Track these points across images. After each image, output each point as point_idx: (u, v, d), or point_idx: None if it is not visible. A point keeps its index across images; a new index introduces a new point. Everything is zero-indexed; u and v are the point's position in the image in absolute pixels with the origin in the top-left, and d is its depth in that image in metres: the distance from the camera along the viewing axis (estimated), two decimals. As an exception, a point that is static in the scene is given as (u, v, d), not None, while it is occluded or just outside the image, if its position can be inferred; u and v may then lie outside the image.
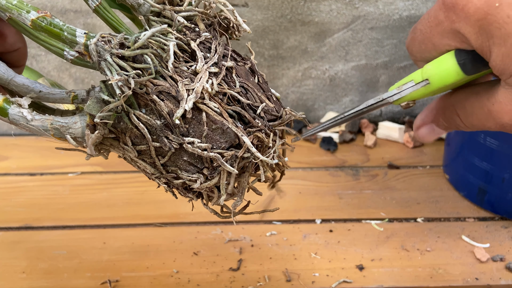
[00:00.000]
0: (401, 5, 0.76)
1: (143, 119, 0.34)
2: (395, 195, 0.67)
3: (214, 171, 0.34)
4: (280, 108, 0.37)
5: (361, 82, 0.82)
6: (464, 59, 0.29)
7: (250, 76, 0.37)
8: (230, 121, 0.34)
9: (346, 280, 0.54)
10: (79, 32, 0.35)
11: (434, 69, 0.30)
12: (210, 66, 0.34)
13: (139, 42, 0.33)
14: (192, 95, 0.33)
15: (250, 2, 0.74)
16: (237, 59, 0.37)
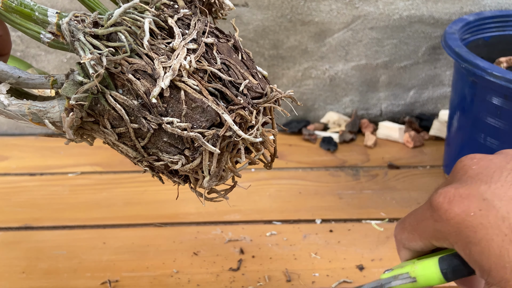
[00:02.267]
0: (401, 5, 0.76)
1: (120, 100, 0.32)
2: (395, 195, 0.67)
3: (195, 152, 0.33)
4: (265, 85, 0.36)
5: (361, 82, 0.82)
6: (446, 269, 0.31)
7: (233, 53, 0.36)
8: (210, 99, 0.32)
9: (346, 280, 0.54)
10: (51, 12, 0.34)
11: (420, 271, 0.33)
12: (188, 43, 0.33)
13: (112, 19, 0.32)
14: (169, 73, 0.32)
15: (250, 2, 0.74)
16: (219, 36, 0.36)
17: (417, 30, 0.78)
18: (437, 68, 0.82)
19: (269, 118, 0.36)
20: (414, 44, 0.79)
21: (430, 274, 0.32)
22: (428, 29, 0.78)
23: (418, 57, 0.80)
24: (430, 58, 0.81)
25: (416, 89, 0.83)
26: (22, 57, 0.79)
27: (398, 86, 0.83)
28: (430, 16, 0.77)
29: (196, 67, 0.32)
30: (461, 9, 0.76)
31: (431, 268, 0.32)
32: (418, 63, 0.81)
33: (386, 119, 0.85)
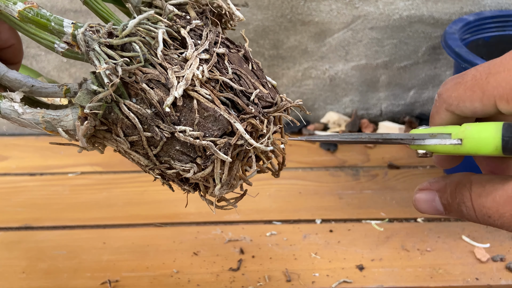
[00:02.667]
0: (401, 5, 0.76)
1: (134, 109, 0.33)
2: (395, 195, 0.67)
3: (207, 160, 0.33)
4: (275, 95, 0.36)
5: (361, 82, 0.82)
6: (509, 138, 0.26)
7: (243, 63, 0.36)
8: (222, 108, 0.33)
9: (346, 280, 0.54)
10: (67, 22, 0.34)
11: (473, 132, 0.27)
12: (201, 53, 0.34)
13: (127, 30, 0.33)
14: (182, 82, 0.32)
15: (250, 2, 0.74)
16: (229, 46, 0.37)
17: (417, 30, 0.78)
18: (437, 68, 0.82)
19: (279, 127, 0.37)
20: (414, 44, 0.79)
21: (485, 139, 0.26)
22: (428, 29, 0.78)
23: (418, 57, 0.80)
24: (430, 58, 0.81)
25: (416, 89, 0.83)
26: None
27: (398, 86, 0.83)
28: (430, 16, 0.77)
29: (208, 76, 0.33)
30: (461, 9, 0.76)
31: (490, 131, 0.26)
32: (418, 63, 0.81)
33: (386, 119, 0.85)
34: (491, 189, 0.27)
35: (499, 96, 0.26)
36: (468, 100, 0.27)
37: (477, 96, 0.27)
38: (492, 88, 0.26)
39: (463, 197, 0.28)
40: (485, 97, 0.26)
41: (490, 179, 0.27)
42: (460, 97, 0.28)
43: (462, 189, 0.28)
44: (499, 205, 0.26)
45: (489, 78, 0.26)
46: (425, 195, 0.30)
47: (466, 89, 0.27)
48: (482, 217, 0.27)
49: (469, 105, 0.27)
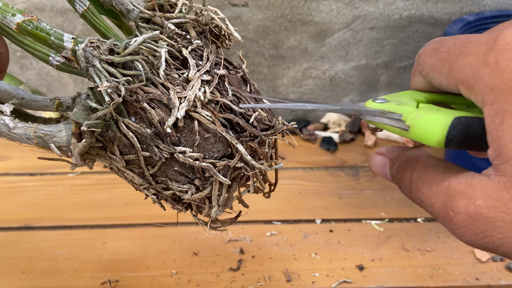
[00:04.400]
0: (401, 5, 0.76)
1: (133, 128, 0.32)
2: (395, 195, 0.67)
3: (206, 182, 0.33)
4: (272, 117, 0.36)
5: (361, 82, 0.82)
6: (454, 136, 0.25)
7: (242, 85, 0.36)
8: (223, 130, 0.33)
9: (346, 280, 0.54)
10: (67, 37, 0.34)
11: (421, 123, 0.26)
12: (203, 74, 0.34)
13: (130, 48, 0.32)
14: (185, 103, 0.32)
15: (250, 2, 0.74)
16: (229, 67, 0.37)
17: (417, 30, 0.78)
18: (437, 68, 0.82)
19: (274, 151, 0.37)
20: (414, 44, 0.79)
21: (430, 133, 0.25)
22: (428, 29, 0.78)
23: (418, 57, 0.80)
24: (430, 58, 0.81)
25: (416, 89, 0.83)
26: (22, 57, 0.79)
27: (398, 86, 0.83)
28: (430, 16, 0.77)
29: (210, 98, 0.33)
30: (461, 9, 0.76)
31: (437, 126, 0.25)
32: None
33: (386, 119, 0.84)
34: (431, 176, 0.26)
35: (461, 79, 0.25)
36: (437, 72, 0.27)
37: (444, 71, 0.26)
38: (457, 69, 0.25)
39: (404, 175, 0.28)
40: (450, 76, 0.26)
41: (435, 165, 0.27)
42: (431, 66, 0.27)
43: (406, 167, 0.28)
44: (432, 195, 0.26)
45: (459, 57, 0.25)
46: (380, 160, 0.30)
47: (438, 60, 0.26)
48: (415, 199, 0.27)
49: (437, 77, 0.27)
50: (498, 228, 0.23)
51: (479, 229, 0.24)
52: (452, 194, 0.25)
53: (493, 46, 0.23)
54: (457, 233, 0.25)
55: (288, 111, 0.83)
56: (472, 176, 0.24)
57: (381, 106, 0.28)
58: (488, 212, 0.23)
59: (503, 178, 0.23)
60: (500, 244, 0.23)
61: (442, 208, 0.25)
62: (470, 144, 0.25)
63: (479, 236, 0.24)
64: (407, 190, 0.28)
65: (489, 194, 0.23)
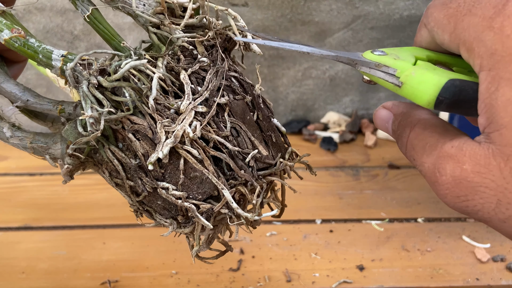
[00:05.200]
0: (402, 5, 0.76)
1: (118, 156, 0.31)
2: (396, 195, 0.67)
3: (188, 221, 0.32)
4: (278, 152, 0.34)
5: (361, 82, 0.82)
6: (446, 98, 0.24)
7: (247, 112, 0.33)
8: (211, 171, 0.31)
9: (346, 281, 0.54)
10: (56, 54, 0.32)
11: (414, 81, 0.25)
12: (198, 105, 0.31)
13: (117, 74, 0.30)
14: (170, 140, 0.30)
15: (250, 1, 0.74)
16: (236, 90, 0.33)
17: (418, 30, 0.78)
18: (437, 68, 0.82)
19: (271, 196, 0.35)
20: (415, 44, 0.79)
21: (422, 92, 0.25)
22: (428, 29, 0.78)
23: (418, 57, 0.80)
24: (430, 58, 0.81)
25: (416, 89, 0.83)
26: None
27: (398, 86, 0.83)
28: (431, 16, 0.76)
29: (199, 136, 0.31)
30: (461, 9, 0.76)
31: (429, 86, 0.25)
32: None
33: (387, 119, 0.84)
34: (427, 135, 0.27)
35: (463, 40, 0.24)
36: (441, 28, 0.26)
37: (448, 28, 0.25)
38: (462, 29, 0.24)
39: (404, 131, 0.28)
40: (453, 34, 0.25)
41: (434, 125, 0.27)
42: (437, 21, 0.26)
43: (407, 124, 0.28)
44: (425, 154, 0.26)
45: (466, 16, 0.24)
46: (384, 114, 0.31)
47: (445, 15, 0.25)
48: (409, 156, 0.28)
49: (440, 34, 0.26)
50: (480, 193, 0.24)
51: (461, 192, 0.24)
52: (443, 156, 0.25)
53: (501, 10, 0.23)
54: (440, 194, 0.25)
55: (288, 111, 0.83)
56: (465, 141, 0.25)
57: (377, 58, 0.28)
58: (473, 177, 0.24)
59: (492, 145, 0.23)
60: (480, 209, 0.24)
61: (430, 168, 0.25)
62: (460, 108, 0.25)
63: (460, 199, 0.24)
64: (403, 147, 0.28)
65: (477, 160, 0.24)
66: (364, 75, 0.29)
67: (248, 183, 0.31)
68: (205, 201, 0.31)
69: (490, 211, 0.24)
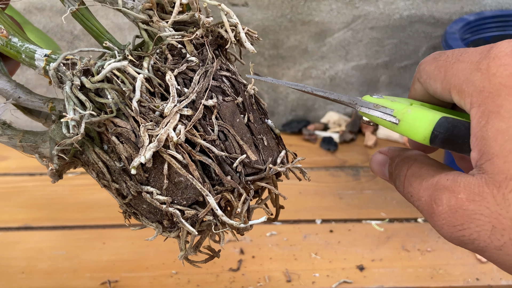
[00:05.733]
0: (402, 5, 0.75)
1: (103, 158, 0.31)
2: (396, 195, 0.67)
3: (174, 226, 0.31)
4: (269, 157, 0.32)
5: (361, 82, 0.82)
6: (440, 133, 0.26)
7: (237, 115, 0.32)
8: (196, 176, 0.29)
9: (346, 281, 0.54)
10: (39, 54, 0.32)
11: (410, 118, 0.27)
12: (183, 108, 0.30)
13: (99, 76, 0.29)
14: (153, 144, 0.29)
15: (250, 1, 0.74)
16: (226, 91, 0.32)
17: (418, 30, 0.78)
18: (437, 68, 0.82)
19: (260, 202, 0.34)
20: (415, 44, 0.79)
21: (418, 128, 0.27)
22: (428, 29, 0.78)
23: (418, 57, 0.80)
24: (430, 58, 0.81)
25: (416, 89, 0.83)
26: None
27: (398, 86, 0.83)
28: (431, 16, 0.76)
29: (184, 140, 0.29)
30: (461, 9, 0.76)
31: (424, 122, 0.26)
32: (419, 63, 0.81)
33: (387, 119, 0.84)
34: (424, 172, 0.28)
35: (453, 85, 0.26)
36: (433, 78, 0.28)
37: (440, 77, 0.27)
38: (452, 75, 0.26)
39: (401, 171, 0.29)
40: (445, 81, 0.27)
41: (431, 164, 0.28)
42: (429, 73, 0.28)
43: (404, 164, 0.29)
44: (422, 189, 0.27)
45: (455, 64, 0.26)
46: (380, 158, 0.32)
47: (436, 67, 0.28)
48: (406, 194, 0.29)
49: (433, 84, 0.28)
50: (475, 221, 0.24)
51: (457, 221, 0.25)
52: (439, 188, 0.26)
53: (487, 55, 0.25)
54: (437, 225, 0.26)
55: (288, 111, 0.83)
56: (459, 174, 0.26)
57: (376, 100, 0.30)
58: (468, 205, 0.24)
59: (484, 175, 0.24)
60: (476, 238, 0.24)
61: (427, 201, 0.26)
62: (453, 143, 0.26)
63: (456, 229, 0.25)
64: (400, 185, 0.29)
65: (471, 189, 0.24)
66: (364, 116, 0.30)
67: (235, 189, 0.30)
68: (190, 206, 0.30)
69: (486, 238, 0.24)
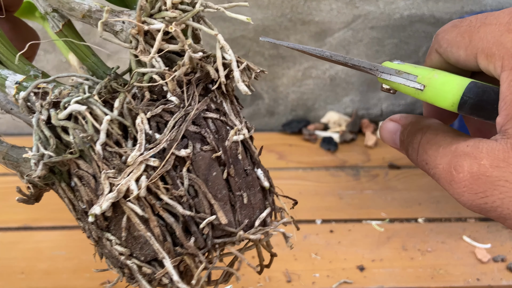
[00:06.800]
0: (402, 4, 0.75)
1: (68, 196, 0.30)
2: (396, 195, 0.67)
3: (132, 277, 0.29)
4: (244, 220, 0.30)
5: (361, 82, 0.82)
6: (470, 98, 0.25)
7: (214, 168, 0.29)
8: (156, 233, 0.27)
9: (346, 281, 0.54)
10: (10, 81, 0.30)
11: (437, 82, 0.26)
12: (151, 157, 0.27)
13: (64, 113, 0.28)
14: (112, 194, 0.27)
15: (250, 1, 0.74)
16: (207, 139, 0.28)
17: (418, 30, 0.78)
18: (437, 68, 0.82)
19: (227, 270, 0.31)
20: (415, 44, 0.79)
21: (446, 93, 0.25)
22: (429, 29, 0.77)
23: (419, 56, 0.80)
24: (430, 58, 0.80)
25: (416, 89, 0.83)
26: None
27: (398, 86, 0.83)
28: (431, 16, 0.76)
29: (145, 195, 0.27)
30: (462, 9, 0.76)
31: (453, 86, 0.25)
32: (419, 62, 0.81)
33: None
34: (440, 139, 0.27)
35: (481, 49, 0.25)
36: (456, 45, 0.26)
37: (464, 43, 0.26)
38: (478, 39, 0.25)
39: (414, 138, 0.28)
40: (470, 47, 0.25)
41: (446, 130, 0.27)
42: (450, 41, 0.27)
43: (417, 131, 0.28)
44: (439, 156, 0.26)
45: (481, 27, 0.25)
46: (391, 126, 0.31)
47: (458, 33, 0.26)
48: (421, 162, 0.27)
49: (455, 51, 0.27)
50: (500, 188, 0.23)
51: (480, 188, 0.24)
52: (458, 154, 0.25)
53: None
54: (456, 193, 0.24)
55: (288, 111, 0.83)
56: (480, 140, 0.25)
57: (397, 66, 0.28)
58: (492, 172, 0.23)
59: (510, 140, 0.23)
60: (499, 205, 0.23)
61: (445, 168, 0.25)
62: (482, 109, 0.25)
63: (478, 196, 0.24)
64: (414, 153, 0.28)
65: (495, 155, 0.23)
66: (383, 83, 0.29)
67: (196, 255, 0.28)
68: (150, 263, 0.29)
69: (510, 206, 0.23)
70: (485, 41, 0.25)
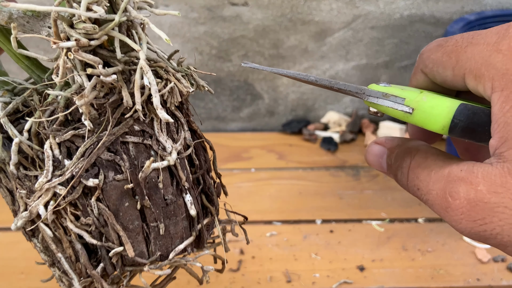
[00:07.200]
0: (402, 4, 0.75)
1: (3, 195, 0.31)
2: (396, 195, 0.67)
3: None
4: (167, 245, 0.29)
5: (361, 82, 0.82)
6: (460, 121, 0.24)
7: (127, 198, 0.27)
8: (68, 254, 0.29)
9: (346, 281, 0.54)
10: None
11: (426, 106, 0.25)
12: (58, 185, 0.27)
13: None
14: (25, 214, 0.28)
15: (250, 1, 0.74)
16: (122, 168, 0.27)
17: (418, 30, 0.77)
18: (438, 68, 0.82)
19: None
20: (415, 44, 0.79)
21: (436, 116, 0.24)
22: (429, 29, 0.77)
23: (419, 56, 0.80)
24: (431, 58, 0.80)
25: (416, 89, 0.83)
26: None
27: (398, 86, 0.83)
28: (431, 16, 0.76)
29: (50, 221, 0.28)
30: (462, 9, 0.76)
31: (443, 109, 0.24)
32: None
33: (387, 119, 0.84)
34: (431, 163, 0.26)
35: (469, 69, 0.24)
36: (442, 66, 0.25)
37: (450, 63, 0.25)
38: (466, 59, 0.24)
39: (403, 162, 0.27)
40: (457, 67, 0.25)
41: (436, 154, 0.26)
42: (436, 61, 0.26)
43: (406, 155, 0.27)
44: (431, 181, 0.25)
45: (468, 47, 0.24)
46: (377, 149, 0.29)
47: (444, 53, 0.25)
48: (412, 187, 0.26)
49: (441, 71, 0.26)
50: (499, 214, 0.22)
51: (478, 215, 0.23)
52: (453, 180, 0.24)
53: (505, 34, 0.23)
54: (453, 220, 0.24)
55: (288, 111, 0.83)
56: (474, 164, 0.24)
57: (384, 88, 0.27)
58: (490, 198, 0.22)
59: (507, 164, 0.22)
60: (499, 232, 0.22)
61: (440, 194, 0.24)
62: (473, 132, 0.24)
63: (477, 223, 0.23)
64: (404, 178, 0.27)
65: (492, 180, 0.22)
66: (371, 107, 0.28)
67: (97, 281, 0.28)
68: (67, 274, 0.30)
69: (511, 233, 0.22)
70: (473, 62, 0.24)
